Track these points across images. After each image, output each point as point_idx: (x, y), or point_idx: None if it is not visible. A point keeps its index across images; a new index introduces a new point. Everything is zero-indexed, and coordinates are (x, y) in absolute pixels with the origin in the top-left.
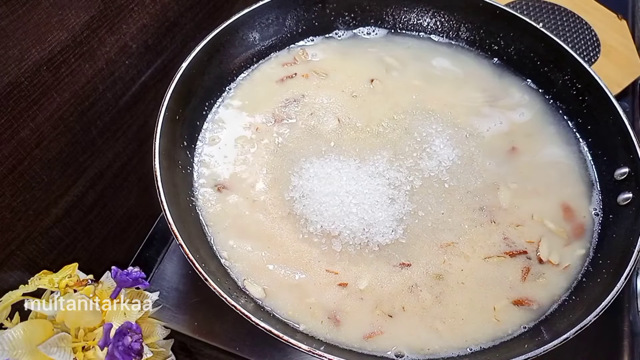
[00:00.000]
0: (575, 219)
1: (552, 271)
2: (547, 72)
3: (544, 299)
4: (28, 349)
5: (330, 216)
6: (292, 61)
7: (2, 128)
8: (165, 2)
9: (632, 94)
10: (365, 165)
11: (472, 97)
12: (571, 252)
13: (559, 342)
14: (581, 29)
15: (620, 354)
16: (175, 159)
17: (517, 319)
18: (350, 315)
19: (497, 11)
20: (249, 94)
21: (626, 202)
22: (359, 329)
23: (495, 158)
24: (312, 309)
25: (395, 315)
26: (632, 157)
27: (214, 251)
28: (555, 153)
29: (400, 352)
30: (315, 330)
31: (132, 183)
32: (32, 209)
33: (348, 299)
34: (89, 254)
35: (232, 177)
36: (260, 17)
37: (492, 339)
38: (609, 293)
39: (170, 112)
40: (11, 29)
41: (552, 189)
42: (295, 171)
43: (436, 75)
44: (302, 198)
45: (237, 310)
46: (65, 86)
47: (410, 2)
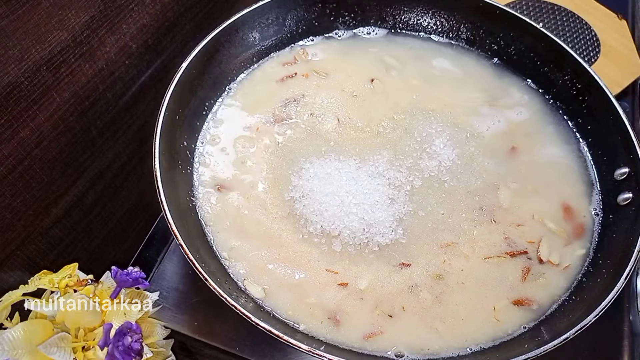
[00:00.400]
0: (576, 218)
1: (552, 271)
2: (547, 72)
3: (544, 299)
4: (28, 349)
5: (330, 216)
6: (293, 61)
7: (2, 128)
8: (165, 2)
9: (632, 94)
10: (365, 165)
11: (472, 97)
12: (571, 252)
13: (559, 342)
14: (581, 29)
15: (620, 354)
16: (175, 159)
17: (517, 319)
18: (350, 315)
19: (497, 11)
20: (249, 94)
21: (626, 202)
22: (359, 329)
23: (495, 158)
24: (312, 309)
25: (395, 315)
26: (632, 157)
27: (214, 251)
28: (555, 153)
29: (400, 352)
30: (315, 330)
31: (132, 183)
32: (32, 209)
33: (348, 299)
34: (89, 254)
35: (232, 177)
36: (260, 17)
37: (492, 339)
38: (609, 293)
39: (170, 112)
40: (11, 29)
41: (552, 188)
42: (295, 171)
43: (436, 75)
44: (302, 198)
45: (237, 310)
46: (65, 86)
47: (410, 2)
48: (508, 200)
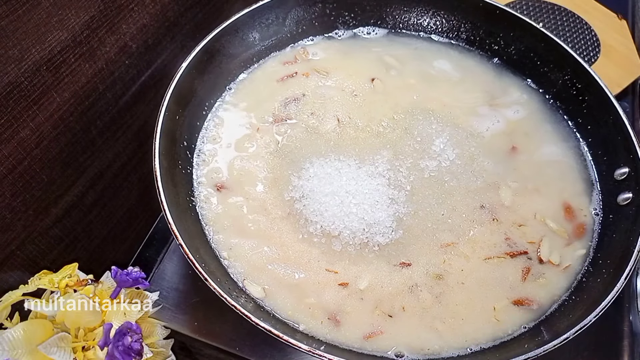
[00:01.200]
0: (576, 218)
1: (552, 271)
2: (547, 72)
3: (544, 299)
4: (28, 349)
5: (330, 216)
6: (293, 60)
7: (2, 128)
8: (165, 2)
9: (632, 94)
10: (365, 165)
11: (472, 97)
12: (572, 252)
13: (559, 342)
14: (581, 29)
15: (620, 354)
16: (175, 158)
17: (517, 319)
18: (350, 315)
19: (497, 11)
20: (249, 94)
21: (626, 202)
22: (359, 329)
23: (495, 158)
24: (312, 309)
25: (395, 315)
26: (632, 157)
27: (214, 251)
28: (555, 152)
29: (400, 352)
30: (315, 330)
31: (132, 183)
32: (32, 209)
33: (348, 299)
34: (89, 254)
35: (232, 177)
36: (260, 17)
37: (492, 339)
38: (609, 293)
39: (170, 112)
40: (11, 29)
41: (552, 188)
42: (295, 171)
43: (436, 76)
44: (302, 198)
45: (237, 310)
46: (65, 86)
47: (410, 2)
48: (509, 200)
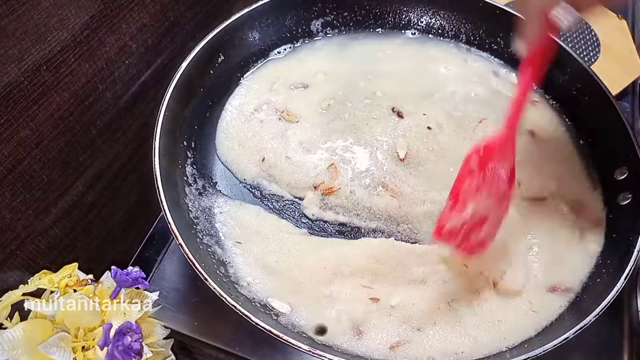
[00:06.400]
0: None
1: None
2: (547, 72)
3: None
4: (28, 349)
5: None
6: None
7: (2, 128)
8: (165, 2)
9: (632, 94)
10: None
11: (472, 96)
12: None
13: (559, 342)
14: (581, 29)
15: (620, 354)
16: (175, 158)
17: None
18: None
19: (497, 11)
20: (249, 94)
21: (626, 202)
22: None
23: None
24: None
25: (423, 330)
26: (632, 157)
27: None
28: (555, 152)
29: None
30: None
31: (132, 183)
32: (32, 209)
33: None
34: (89, 254)
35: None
36: (260, 17)
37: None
38: (609, 293)
39: (170, 112)
40: (11, 29)
41: (552, 188)
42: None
43: (436, 76)
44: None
45: (237, 310)
46: (65, 86)
47: (410, 2)
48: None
